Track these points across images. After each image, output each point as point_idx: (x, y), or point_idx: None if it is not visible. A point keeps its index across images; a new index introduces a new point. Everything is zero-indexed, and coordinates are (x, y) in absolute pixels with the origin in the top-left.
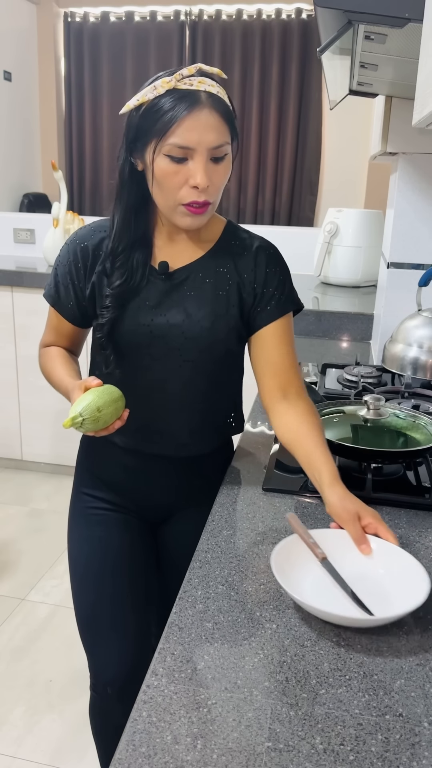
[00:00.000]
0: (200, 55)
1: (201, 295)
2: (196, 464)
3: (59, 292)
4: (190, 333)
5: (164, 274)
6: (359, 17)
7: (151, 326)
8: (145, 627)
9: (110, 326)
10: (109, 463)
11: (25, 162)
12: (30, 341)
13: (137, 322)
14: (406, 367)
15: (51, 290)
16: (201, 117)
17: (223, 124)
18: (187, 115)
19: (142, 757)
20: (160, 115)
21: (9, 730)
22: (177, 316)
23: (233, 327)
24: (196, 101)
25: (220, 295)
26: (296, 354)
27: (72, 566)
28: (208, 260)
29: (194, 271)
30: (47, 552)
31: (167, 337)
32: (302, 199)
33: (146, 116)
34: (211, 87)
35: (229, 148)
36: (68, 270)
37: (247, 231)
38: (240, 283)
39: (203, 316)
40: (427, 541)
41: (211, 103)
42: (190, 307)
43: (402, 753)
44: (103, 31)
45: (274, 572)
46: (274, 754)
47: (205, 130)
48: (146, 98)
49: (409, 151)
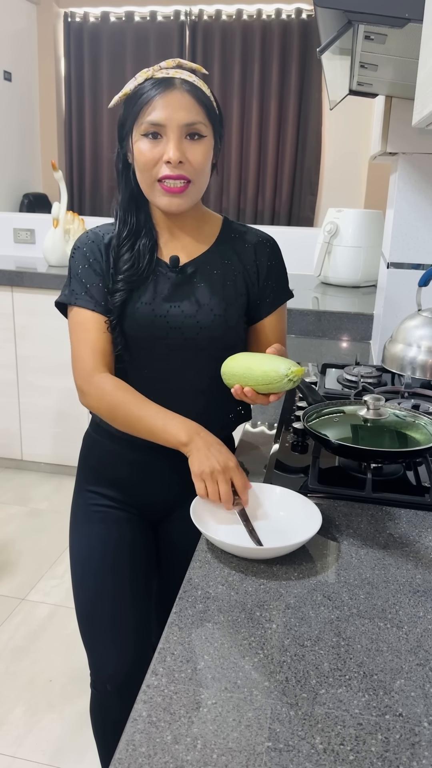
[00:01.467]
0: (200, 55)
1: (211, 286)
2: None
3: (92, 294)
4: (205, 322)
5: (175, 267)
6: (359, 17)
7: (167, 317)
8: (145, 624)
9: (122, 315)
10: (114, 461)
11: (25, 162)
12: (30, 341)
13: (154, 315)
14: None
15: (83, 296)
16: (173, 96)
17: (196, 104)
18: (160, 96)
19: (142, 757)
20: (137, 99)
21: (9, 730)
22: (191, 307)
23: (242, 315)
24: (170, 85)
25: (228, 284)
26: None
27: (73, 562)
28: (213, 253)
29: (202, 264)
30: (47, 552)
31: (183, 327)
32: (302, 199)
33: (127, 104)
34: (188, 77)
35: (206, 129)
36: (93, 271)
37: (243, 224)
38: (245, 274)
39: (215, 304)
40: (427, 541)
41: (184, 87)
42: (203, 297)
43: (402, 753)
44: (103, 31)
45: (192, 516)
46: (274, 754)
47: (175, 108)
48: (128, 89)
49: (409, 151)
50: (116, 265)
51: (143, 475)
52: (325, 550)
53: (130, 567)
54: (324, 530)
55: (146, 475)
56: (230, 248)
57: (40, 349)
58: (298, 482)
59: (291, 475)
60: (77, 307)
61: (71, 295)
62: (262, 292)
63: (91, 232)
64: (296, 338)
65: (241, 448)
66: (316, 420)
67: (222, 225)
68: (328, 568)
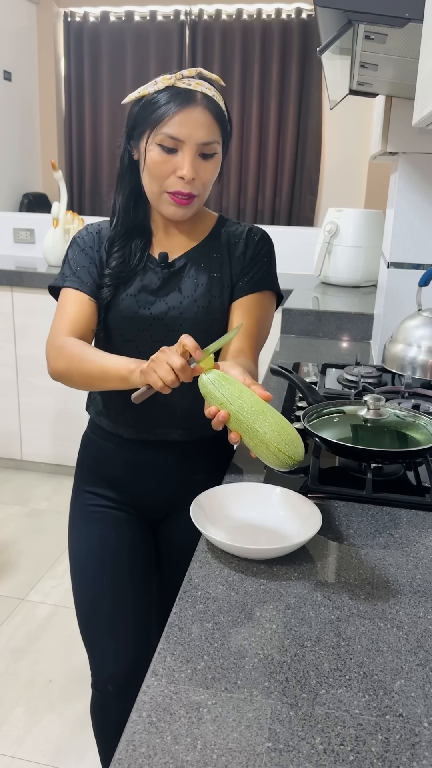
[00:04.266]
0: (200, 55)
1: (197, 278)
2: (198, 459)
3: (79, 276)
4: (188, 313)
5: (164, 263)
6: (359, 17)
7: (151, 309)
8: (145, 623)
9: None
10: (110, 460)
11: (25, 162)
12: (30, 341)
13: (138, 306)
14: (406, 367)
15: (71, 277)
16: (194, 113)
17: (214, 123)
18: (181, 109)
19: (142, 757)
20: (157, 107)
21: (9, 730)
22: (175, 299)
23: (227, 306)
24: (191, 99)
25: (214, 276)
26: (262, 331)
27: (72, 563)
28: (203, 248)
29: (191, 258)
30: (47, 552)
31: (166, 319)
32: (302, 198)
33: (144, 108)
34: (207, 90)
35: (219, 148)
36: (85, 255)
37: (237, 221)
38: (231, 264)
39: (200, 295)
40: (427, 541)
41: (205, 103)
42: (187, 289)
43: (402, 753)
44: (103, 30)
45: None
46: (274, 754)
47: (196, 126)
48: (147, 92)
49: (409, 151)
50: (107, 260)
51: (139, 472)
52: (325, 550)
53: (129, 567)
54: (324, 530)
55: (142, 472)
56: (221, 243)
57: (40, 349)
58: (298, 482)
59: (291, 475)
60: (65, 287)
61: (61, 278)
62: (242, 274)
63: (90, 225)
64: (296, 338)
65: (240, 448)
66: (316, 420)
67: (216, 222)
68: (328, 568)
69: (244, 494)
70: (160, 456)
